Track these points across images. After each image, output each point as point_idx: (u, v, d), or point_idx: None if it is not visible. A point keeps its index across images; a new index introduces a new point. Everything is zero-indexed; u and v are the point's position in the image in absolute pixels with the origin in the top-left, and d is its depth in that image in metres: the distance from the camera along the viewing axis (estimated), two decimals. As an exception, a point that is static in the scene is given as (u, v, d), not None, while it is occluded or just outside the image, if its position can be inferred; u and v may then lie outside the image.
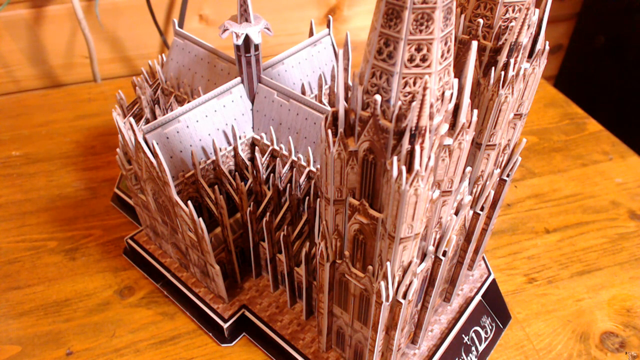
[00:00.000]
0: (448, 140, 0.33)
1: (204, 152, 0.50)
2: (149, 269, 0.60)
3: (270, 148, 0.51)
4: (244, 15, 0.45)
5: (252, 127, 0.53)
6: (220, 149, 0.50)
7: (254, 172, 0.50)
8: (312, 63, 0.57)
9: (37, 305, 0.56)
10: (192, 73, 0.56)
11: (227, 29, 0.45)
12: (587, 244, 0.65)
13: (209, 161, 0.50)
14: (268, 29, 0.47)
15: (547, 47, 0.40)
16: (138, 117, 0.59)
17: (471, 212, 0.44)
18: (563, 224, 0.68)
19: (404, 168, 0.29)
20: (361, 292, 0.40)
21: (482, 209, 0.45)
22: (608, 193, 0.72)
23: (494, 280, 0.57)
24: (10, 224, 0.65)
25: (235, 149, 0.52)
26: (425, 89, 0.27)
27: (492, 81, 0.38)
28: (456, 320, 0.53)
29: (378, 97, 0.29)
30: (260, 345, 0.53)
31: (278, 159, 0.50)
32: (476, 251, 0.54)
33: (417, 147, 0.29)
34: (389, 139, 0.30)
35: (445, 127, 0.32)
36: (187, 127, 0.48)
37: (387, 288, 0.36)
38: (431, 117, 0.29)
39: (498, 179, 0.47)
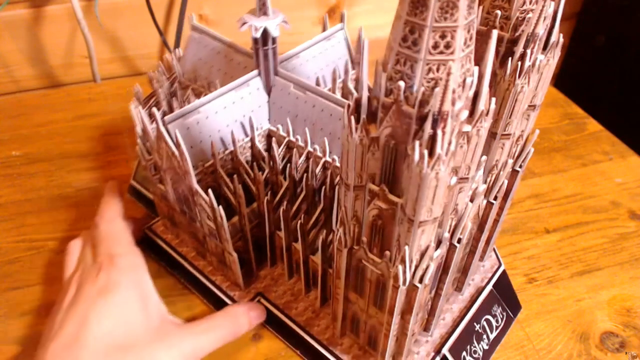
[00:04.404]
0: (467, 127, 0.33)
1: (222, 142, 0.51)
2: (166, 258, 0.60)
3: (287, 139, 0.51)
4: (262, 9, 0.46)
5: (269, 119, 0.53)
6: (238, 140, 0.51)
7: (271, 162, 0.50)
8: (326, 57, 0.57)
9: (37, 305, 0.56)
10: (209, 66, 0.56)
11: (246, 22, 0.46)
12: (587, 244, 0.65)
13: (227, 152, 0.51)
14: (285, 22, 0.47)
15: (562, 39, 0.40)
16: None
17: (485, 201, 0.44)
18: (563, 224, 0.67)
19: (425, 152, 0.30)
20: (377, 277, 0.40)
21: (495, 198, 0.45)
22: (608, 193, 0.72)
23: (504, 271, 0.57)
24: (10, 224, 0.65)
25: (252, 140, 0.52)
26: (449, 74, 0.27)
27: (508, 71, 0.38)
28: (467, 309, 0.53)
29: (402, 84, 0.30)
30: (276, 332, 0.53)
31: (294, 149, 0.51)
32: (488, 242, 0.54)
33: (439, 132, 0.29)
34: (411, 124, 0.30)
35: (465, 114, 0.32)
36: (207, 118, 0.49)
37: (404, 272, 0.36)
38: (453, 103, 0.29)
39: (511, 169, 0.47)
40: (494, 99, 0.33)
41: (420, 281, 0.38)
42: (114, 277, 0.46)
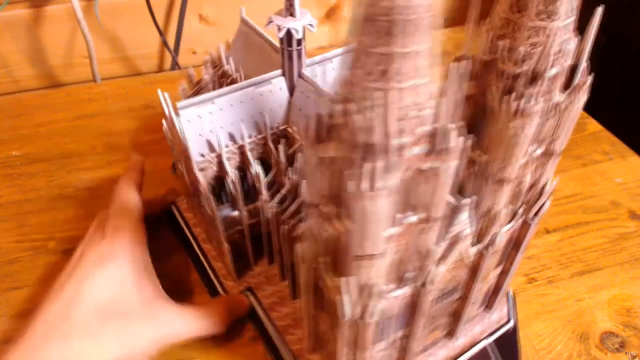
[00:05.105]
0: (424, 165, 0.30)
1: (232, 136, 0.49)
2: (180, 235, 0.62)
3: (299, 143, 0.49)
4: (289, 10, 0.45)
5: (288, 120, 0.51)
6: (250, 136, 0.50)
7: (278, 162, 0.49)
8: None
9: (37, 305, 0.57)
10: (250, 60, 0.55)
11: (272, 21, 0.45)
12: (587, 244, 0.62)
13: (236, 145, 0.50)
14: (312, 25, 0.46)
15: (589, 81, 0.35)
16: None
17: (474, 249, 0.40)
18: (563, 224, 0.65)
19: (351, 183, 0.27)
20: (331, 302, 0.37)
21: (487, 247, 0.40)
22: (608, 193, 0.69)
23: (513, 329, 0.52)
24: (10, 224, 0.63)
25: (265, 138, 0.51)
26: (375, 105, 0.25)
27: (503, 110, 0.33)
28: (454, 358, 0.49)
29: (339, 107, 0.27)
30: (256, 330, 0.52)
31: (299, 153, 0.49)
32: (496, 292, 0.49)
33: (369, 165, 0.26)
34: (350, 152, 0.28)
35: (415, 150, 0.29)
36: (221, 109, 0.48)
37: (342, 305, 0.33)
38: (394, 136, 0.27)
39: (522, 220, 0.42)
40: (461, 138, 0.29)
41: (362, 318, 0.34)
42: (114, 248, 0.46)
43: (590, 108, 0.88)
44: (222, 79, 0.57)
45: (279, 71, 0.50)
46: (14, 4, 0.82)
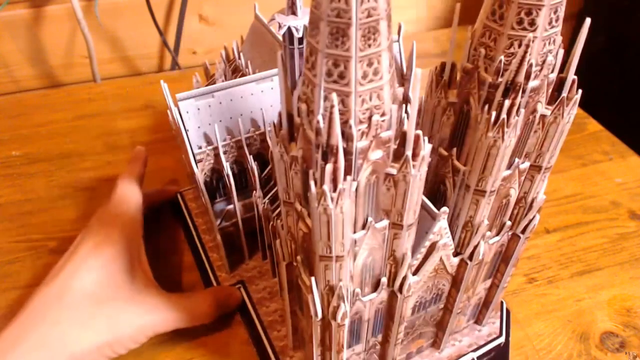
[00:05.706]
0: (391, 170, 0.29)
1: (230, 130, 0.50)
2: (182, 225, 0.63)
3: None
4: (291, 8, 0.45)
5: None
6: (249, 131, 0.50)
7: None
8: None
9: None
10: (260, 56, 0.56)
11: (274, 19, 0.45)
12: (587, 244, 0.62)
13: (233, 139, 0.50)
14: None
15: (578, 96, 0.34)
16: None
17: (456, 259, 0.39)
18: (563, 224, 0.64)
19: (312, 184, 0.27)
20: (307, 300, 0.36)
21: (470, 258, 0.39)
22: (608, 193, 0.69)
23: (504, 345, 0.51)
24: (10, 224, 0.63)
25: (263, 134, 0.51)
26: (332, 106, 0.25)
27: (482, 120, 0.33)
28: None
29: (303, 106, 0.27)
30: (244, 323, 0.52)
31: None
32: (486, 305, 0.49)
33: (330, 166, 0.26)
34: (313, 152, 0.28)
35: (378, 154, 0.29)
36: (220, 103, 0.48)
37: (314, 304, 0.33)
38: (349, 139, 0.26)
39: (511, 233, 0.42)
40: (429, 146, 0.29)
41: (334, 318, 0.34)
42: (110, 236, 0.48)
43: (590, 108, 0.88)
44: (235, 74, 0.58)
45: None
46: (14, 4, 0.82)
